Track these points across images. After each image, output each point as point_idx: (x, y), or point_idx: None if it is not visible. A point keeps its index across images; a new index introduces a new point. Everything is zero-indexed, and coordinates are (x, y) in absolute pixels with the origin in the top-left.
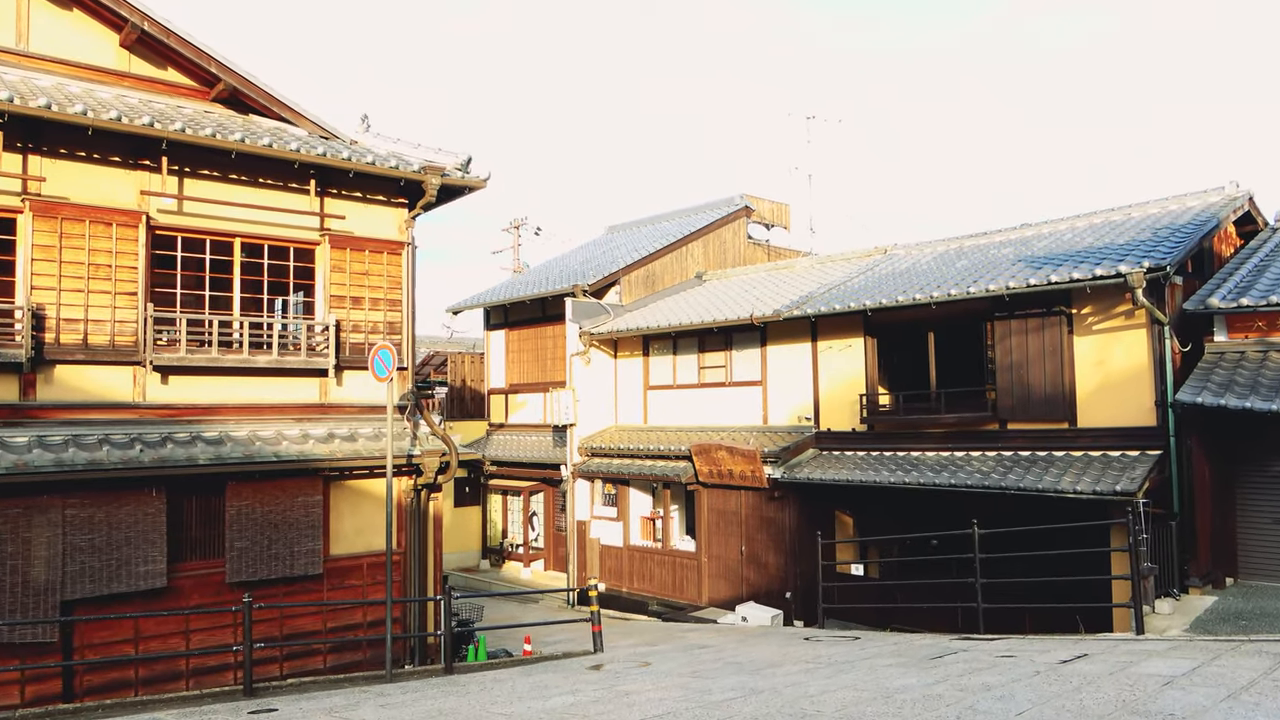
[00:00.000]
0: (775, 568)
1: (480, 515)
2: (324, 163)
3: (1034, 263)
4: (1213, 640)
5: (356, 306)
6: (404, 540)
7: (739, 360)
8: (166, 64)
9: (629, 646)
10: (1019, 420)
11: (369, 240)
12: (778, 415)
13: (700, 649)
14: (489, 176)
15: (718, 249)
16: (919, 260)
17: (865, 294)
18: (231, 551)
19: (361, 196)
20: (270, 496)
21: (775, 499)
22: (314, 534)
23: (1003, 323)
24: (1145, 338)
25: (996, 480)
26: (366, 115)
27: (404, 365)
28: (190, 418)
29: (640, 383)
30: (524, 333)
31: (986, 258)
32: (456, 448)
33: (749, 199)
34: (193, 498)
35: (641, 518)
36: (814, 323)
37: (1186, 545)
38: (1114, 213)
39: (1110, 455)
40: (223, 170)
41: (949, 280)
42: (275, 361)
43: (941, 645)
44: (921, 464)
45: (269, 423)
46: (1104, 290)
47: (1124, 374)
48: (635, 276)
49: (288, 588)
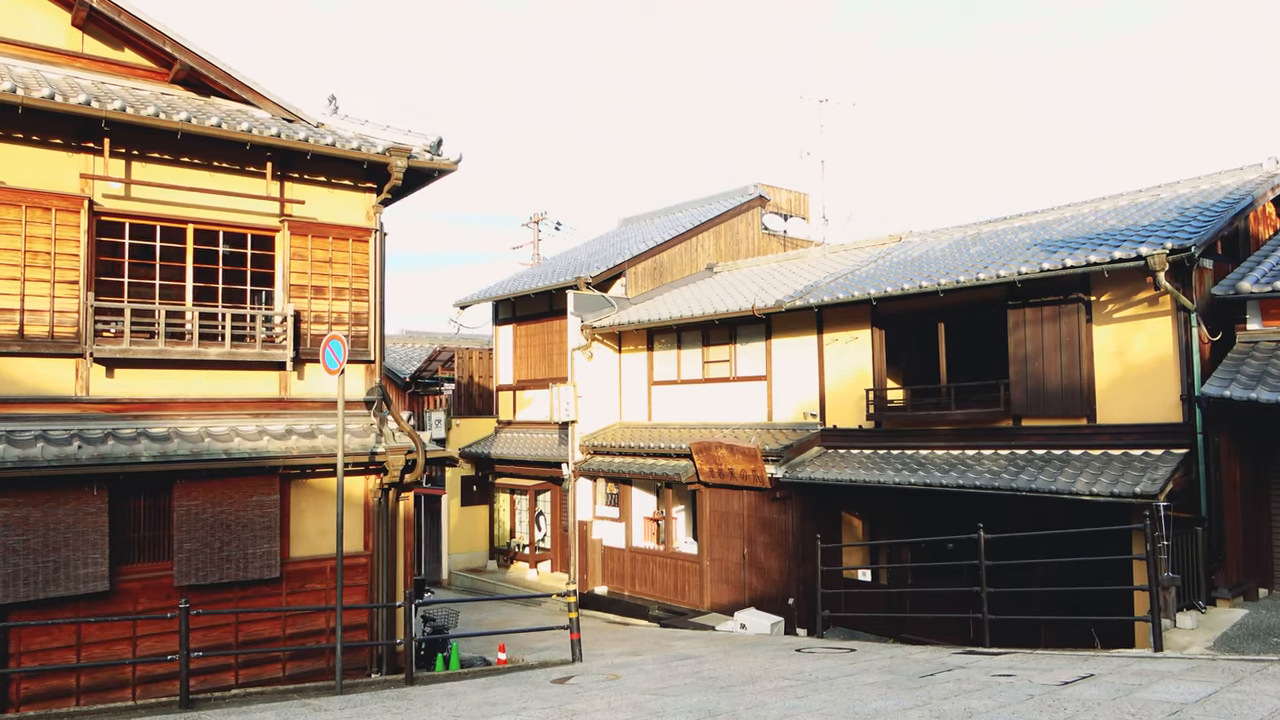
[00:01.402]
0: (778, 572)
1: (488, 515)
2: (278, 144)
3: (1050, 247)
4: (1237, 660)
5: (319, 296)
6: (370, 542)
7: (743, 354)
8: (123, 44)
9: (612, 655)
10: (1034, 416)
11: (333, 227)
12: (783, 412)
13: (681, 660)
14: (460, 159)
15: (730, 240)
16: (933, 248)
17: (871, 283)
18: (180, 553)
19: (326, 181)
20: (222, 496)
21: (777, 499)
22: (270, 535)
23: (1016, 312)
24: (1170, 326)
25: (1007, 481)
26: (334, 97)
27: (370, 358)
28: (137, 413)
29: (645, 378)
30: (532, 327)
31: (1002, 243)
32: (424, 445)
33: (764, 188)
34: (141, 497)
35: (644, 518)
36: (819, 314)
37: (1214, 553)
38: (1141, 194)
39: (1132, 454)
40: (174, 153)
41: (959, 267)
42: (228, 354)
43: (938, 661)
44: (929, 463)
45: (224, 418)
46: (1124, 275)
47: (1147, 366)
48: (642, 269)
49: (243, 591)
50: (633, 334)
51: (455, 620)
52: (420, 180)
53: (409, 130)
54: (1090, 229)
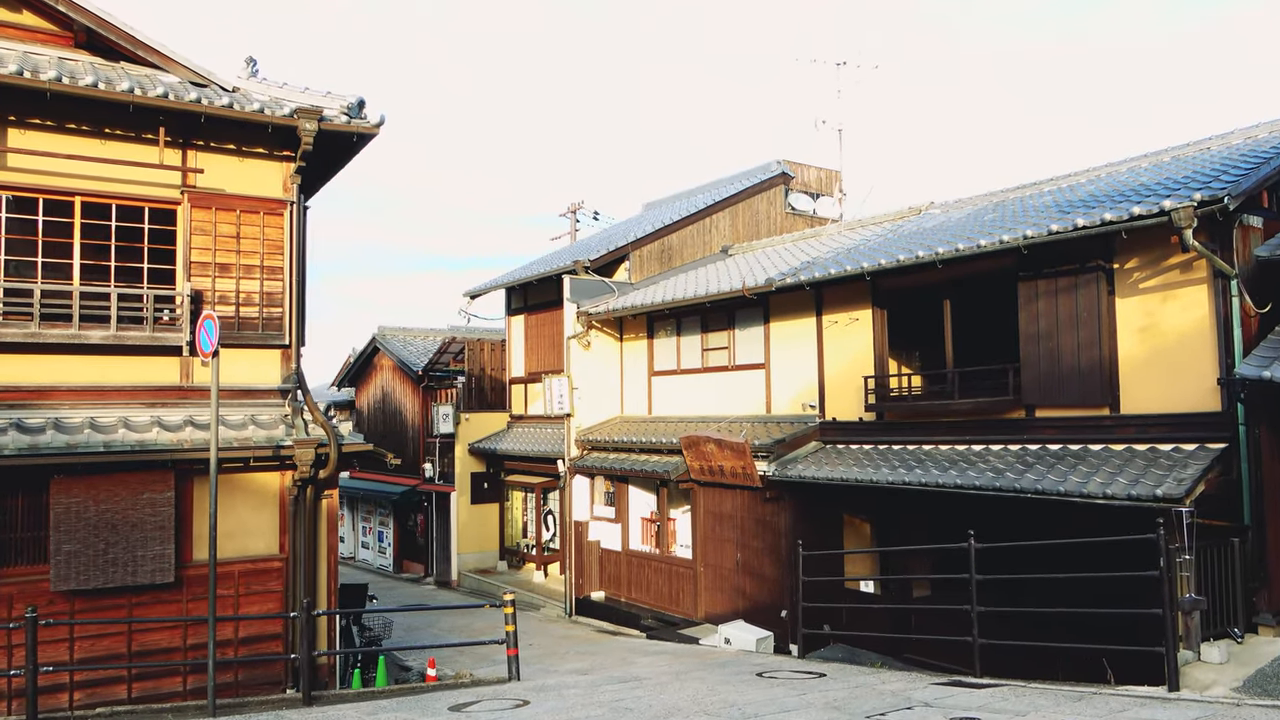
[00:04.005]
0: (771, 581)
1: (499, 514)
2: (165, 105)
3: (1066, 208)
4: (1267, 706)
5: (225, 274)
6: (286, 544)
7: (742, 341)
8: (21, 7)
9: (562, 674)
10: (1049, 405)
11: (241, 199)
12: (781, 403)
13: (618, 684)
14: (382, 121)
15: (749, 220)
16: (950, 219)
17: (868, 256)
18: (58, 555)
19: (236, 150)
20: (107, 493)
21: (769, 500)
22: (163, 536)
23: (1028, 284)
24: (1205, 296)
25: (1010, 481)
26: (253, 59)
27: (284, 342)
28: (15, 401)
29: (645, 369)
30: (541, 317)
31: (1022, 209)
32: (338, 438)
33: (790, 166)
34: (18, 495)
35: (642, 519)
36: (818, 294)
37: (1255, 569)
38: (1187, 148)
39: (1159, 449)
40: (57, 119)
41: (965, 235)
42: (113, 337)
43: (906, 694)
44: (930, 460)
45: (115, 408)
46: (1150, 236)
47: (1179, 344)
48: (648, 251)
49: (136, 597)
50: (633, 321)
51: (390, 630)
52: (343, 148)
53: (328, 92)
54: (1118, 187)
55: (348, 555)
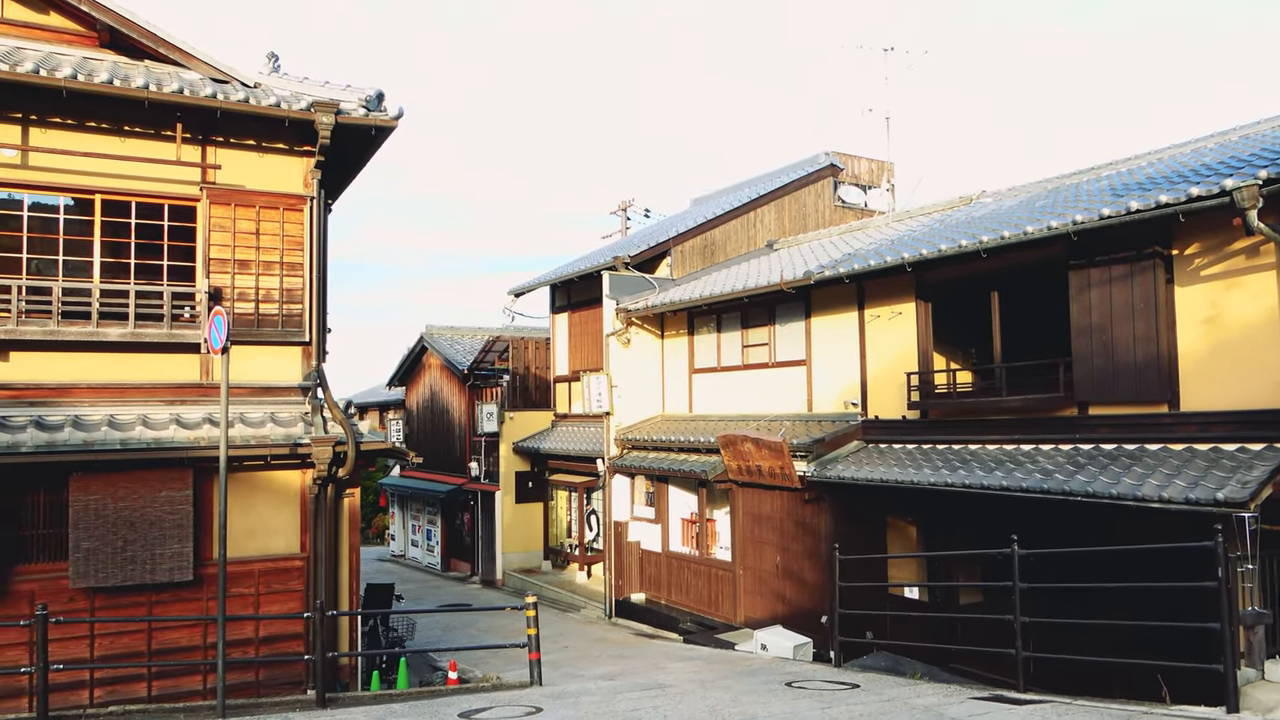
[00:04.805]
0: (812, 585)
1: (543, 513)
2: (181, 101)
3: (1121, 191)
4: None
5: (244, 271)
6: (307, 543)
7: (782, 337)
8: (48, 8)
9: (588, 678)
10: (1102, 402)
11: (261, 194)
12: (823, 400)
13: (644, 691)
14: (400, 114)
15: (796, 214)
16: (1001, 206)
17: (909, 246)
18: (76, 553)
19: (256, 145)
20: (125, 490)
21: (809, 501)
22: (181, 534)
23: (1080, 273)
24: (1274, 283)
25: (1060, 483)
26: (275, 54)
27: (304, 339)
28: (36, 399)
29: (686, 366)
30: (584, 314)
31: (1075, 194)
32: (357, 436)
33: (840, 157)
34: (39, 492)
35: (682, 520)
36: (860, 288)
37: None
38: (1260, 125)
39: (1222, 449)
40: (77, 117)
41: (1012, 222)
42: (131, 335)
43: (937, 710)
44: (976, 460)
45: (135, 406)
46: (1212, 219)
47: (1244, 335)
48: (690, 247)
49: (156, 595)
50: (674, 318)
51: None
52: (362, 142)
53: (347, 86)
54: (1179, 168)
55: (398, 553)
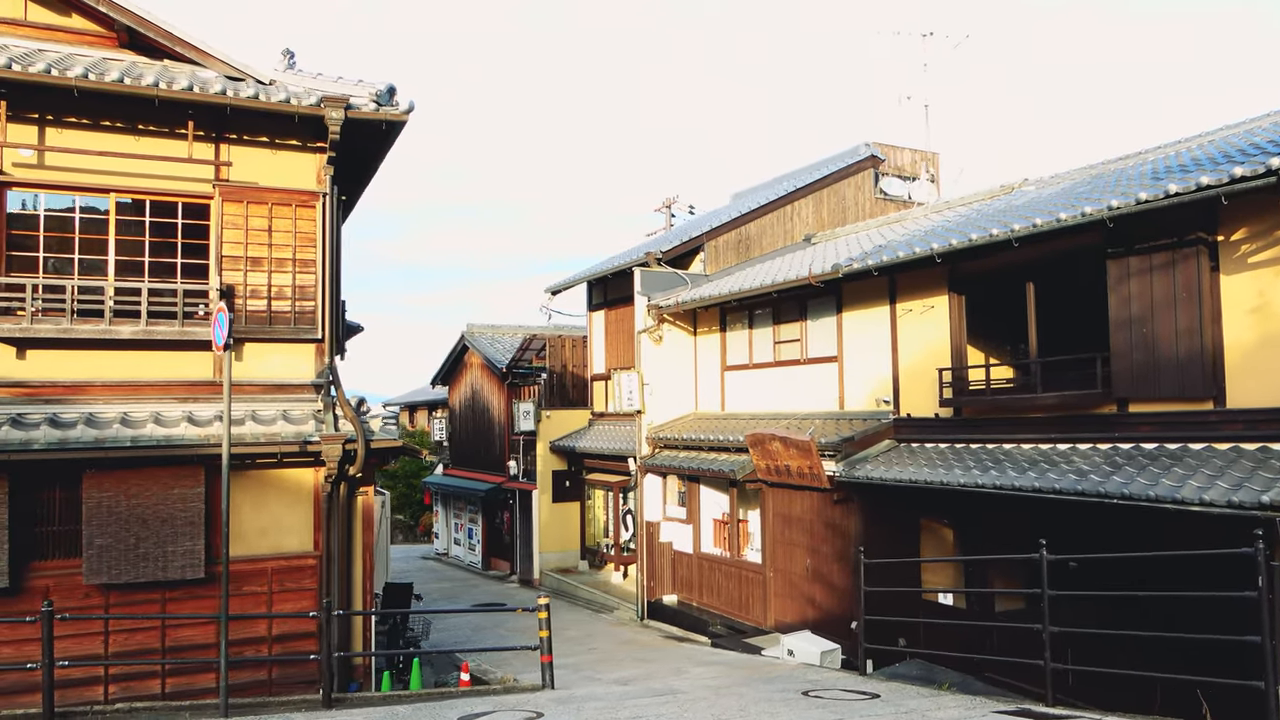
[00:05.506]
0: (842, 589)
1: (580, 512)
2: (191, 98)
3: (1163, 174)
4: None
5: (257, 268)
6: (320, 542)
7: (814, 333)
8: (69, 10)
9: (604, 683)
10: (1143, 399)
11: (273, 191)
12: (855, 398)
13: (655, 697)
14: (411, 108)
15: (835, 206)
16: (1041, 194)
17: (939, 236)
18: (90, 549)
19: (269, 142)
20: (137, 488)
21: (838, 502)
22: (193, 531)
23: (1118, 262)
24: None
25: (1095, 484)
26: (290, 51)
27: (317, 336)
28: (50, 397)
29: (718, 363)
30: (620, 312)
31: (1116, 179)
32: (367, 434)
33: (881, 148)
34: (54, 488)
35: (714, 520)
36: (892, 280)
37: None
38: None
39: (1271, 449)
40: (92, 117)
41: (1047, 209)
42: (143, 332)
43: None
44: (1009, 460)
45: (148, 403)
46: (1261, 203)
47: None
48: (724, 241)
49: (170, 592)
50: (706, 314)
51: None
52: (374, 138)
53: (359, 81)
54: (1226, 150)
55: (441, 551)
